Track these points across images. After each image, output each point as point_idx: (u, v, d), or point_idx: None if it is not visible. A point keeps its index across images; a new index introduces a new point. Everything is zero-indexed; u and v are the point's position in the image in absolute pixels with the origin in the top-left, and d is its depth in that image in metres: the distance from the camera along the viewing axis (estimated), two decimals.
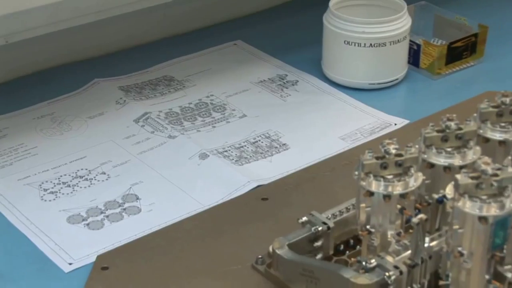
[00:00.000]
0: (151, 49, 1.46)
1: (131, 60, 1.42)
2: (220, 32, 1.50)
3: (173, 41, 1.48)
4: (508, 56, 1.43)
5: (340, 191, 1.05)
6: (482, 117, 0.98)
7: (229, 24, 1.53)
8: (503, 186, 0.85)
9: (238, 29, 1.51)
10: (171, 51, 1.44)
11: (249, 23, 1.54)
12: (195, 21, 1.51)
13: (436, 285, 0.92)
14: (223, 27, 1.52)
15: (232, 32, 1.50)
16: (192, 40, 1.48)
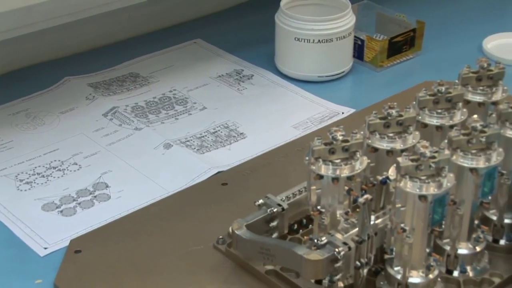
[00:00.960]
0: (118, 48, 1.45)
1: (99, 58, 1.41)
2: (181, 32, 1.49)
3: (138, 40, 1.47)
4: (443, 49, 1.43)
5: (293, 175, 1.05)
6: (420, 104, 0.99)
7: (189, 24, 1.52)
8: (440, 167, 0.86)
9: (197, 28, 1.50)
10: (136, 50, 1.43)
11: (207, 23, 1.53)
12: (157, 22, 1.50)
13: (381, 259, 0.92)
14: (183, 27, 1.51)
15: (192, 31, 1.49)
16: (155, 40, 1.47)
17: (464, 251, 0.94)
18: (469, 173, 0.90)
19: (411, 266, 0.89)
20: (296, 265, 0.89)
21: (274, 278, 0.93)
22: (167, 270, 0.96)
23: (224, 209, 1.05)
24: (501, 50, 1.42)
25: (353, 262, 0.88)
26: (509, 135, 0.94)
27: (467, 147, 0.90)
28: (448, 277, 0.93)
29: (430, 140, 0.91)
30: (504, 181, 0.94)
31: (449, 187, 0.86)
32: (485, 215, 0.98)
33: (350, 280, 0.90)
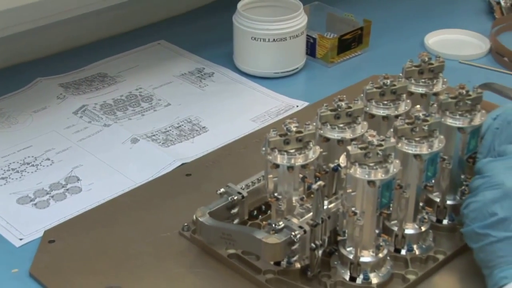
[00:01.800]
0: (87, 50, 1.43)
1: (69, 60, 1.39)
2: (146, 34, 1.48)
3: (105, 42, 1.46)
4: (388, 45, 1.44)
5: (252, 165, 1.04)
6: (367, 96, 0.99)
7: (152, 26, 1.51)
8: (387, 154, 0.86)
9: (160, 30, 1.49)
10: (104, 51, 1.42)
11: (170, 25, 1.52)
12: (123, 25, 1.49)
13: (335, 241, 0.93)
14: (148, 29, 1.50)
15: (156, 33, 1.48)
16: (121, 41, 1.45)
17: (410, 231, 0.94)
18: (413, 159, 0.90)
19: (362, 246, 0.89)
20: (256, 249, 0.89)
21: (236, 261, 0.94)
22: (136, 256, 0.96)
23: (189, 198, 1.04)
24: (441, 45, 1.42)
25: (308, 244, 0.88)
26: (449, 123, 0.95)
27: (411, 135, 0.91)
28: (396, 256, 0.94)
29: (377, 130, 0.92)
30: (446, 165, 0.95)
31: (396, 173, 0.86)
32: (429, 198, 0.99)
33: (306, 261, 0.90)
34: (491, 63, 1.38)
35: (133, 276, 0.93)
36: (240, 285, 0.91)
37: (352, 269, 0.90)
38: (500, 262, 0.85)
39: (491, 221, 0.86)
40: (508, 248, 0.85)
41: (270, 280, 0.90)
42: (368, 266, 0.90)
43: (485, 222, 0.86)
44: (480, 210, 0.87)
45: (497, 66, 1.37)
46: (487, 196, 0.87)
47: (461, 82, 0.98)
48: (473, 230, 0.88)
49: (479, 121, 0.95)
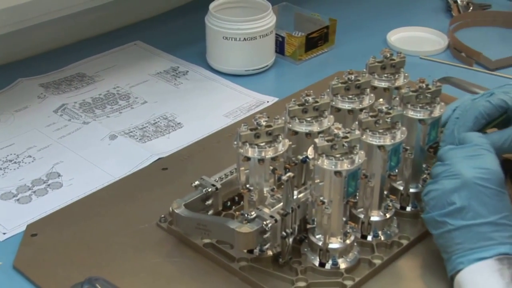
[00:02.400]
0: (66, 51, 1.41)
1: (49, 61, 1.38)
2: (122, 35, 1.47)
3: (83, 44, 1.44)
4: (353, 43, 1.44)
5: (225, 158, 1.04)
6: (333, 91, 0.99)
7: (129, 28, 1.50)
8: (352, 146, 0.86)
9: (137, 31, 1.48)
10: (82, 52, 1.40)
11: (145, 26, 1.51)
12: (101, 27, 1.48)
13: (304, 229, 0.93)
14: (124, 31, 1.49)
15: (132, 34, 1.47)
16: (99, 42, 1.44)
17: (376, 218, 0.94)
18: (377, 150, 0.90)
19: (331, 233, 0.89)
20: (230, 238, 0.88)
21: (211, 250, 0.93)
22: (116, 247, 0.95)
23: (165, 191, 1.04)
24: (402, 42, 1.43)
25: (279, 232, 0.88)
26: (411, 115, 0.95)
27: (375, 127, 0.91)
28: (363, 242, 0.94)
29: (343, 123, 0.92)
30: (408, 155, 0.95)
31: (361, 163, 0.86)
32: (393, 186, 0.99)
33: (278, 248, 0.90)
34: (449, 58, 1.39)
35: (113, 267, 0.92)
36: (215, 273, 0.91)
37: (321, 255, 0.90)
38: (458, 249, 0.85)
39: (449, 210, 0.86)
40: (465, 236, 0.85)
41: (243, 267, 0.90)
42: (336, 252, 0.90)
43: (444, 210, 0.87)
44: (439, 198, 0.87)
45: (455, 61, 1.38)
46: (446, 185, 0.87)
47: (421, 77, 0.98)
48: (433, 218, 0.88)
49: (439, 113, 0.96)
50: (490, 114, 0.96)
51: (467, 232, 0.85)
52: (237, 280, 0.90)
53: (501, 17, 1.50)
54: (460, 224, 0.85)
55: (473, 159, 0.88)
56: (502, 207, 0.86)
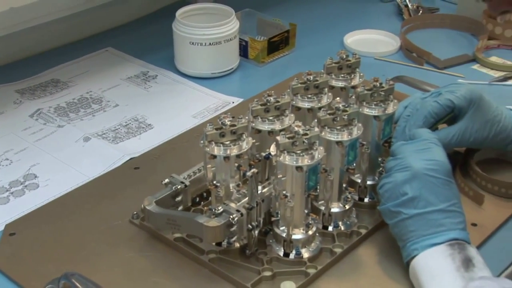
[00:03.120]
0: (40, 59, 1.39)
1: (25, 68, 1.35)
2: (94, 42, 1.45)
3: (57, 51, 1.42)
4: (312, 45, 1.43)
5: (193, 157, 1.03)
6: (293, 91, 0.98)
7: (100, 35, 1.48)
8: (312, 142, 0.86)
9: (108, 38, 1.46)
10: (56, 59, 1.38)
11: (116, 33, 1.49)
12: (74, 35, 1.46)
13: (269, 221, 0.92)
14: (96, 38, 1.47)
15: (104, 41, 1.45)
16: (72, 49, 1.42)
17: (336, 209, 0.94)
18: (335, 145, 0.90)
19: (294, 225, 0.89)
20: (198, 232, 0.88)
21: (182, 244, 0.92)
22: (91, 244, 0.94)
23: (137, 189, 1.02)
24: (358, 44, 1.43)
25: (245, 225, 0.88)
26: (366, 112, 0.95)
27: (333, 124, 0.91)
28: (324, 232, 0.94)
29: (303, 121, 0.92)
30: (365, 150, 0.95)
31: (320, 158, 0.86)
32: (351, 179, 0.99)
33: (244, 240, 0.90)
34: (401, 58, 1.39)
35: (88, 262, 0.91)
36: (186, 265, 0.90)
37: (285, 246, 0.89)
38: (412, 236, 0.86)
39: (402, 200, 0.87)
40: (418, 224, 0.86)
41: (212, 259, 0.90)
42: (300, 242, 0.90)
43: (397, 201, 0.87)
44: (392, 190, 0.88)
45: (407, 61, 1.38)
46: (398, 177, 0.88)
47: (375, 76, 0.98)
48: (388, 208, 0.88)
49: (392, 109, 0.96)
50: (438, 113, 0.98)
51: (420, 220, 0.85)
52: (206, 272, 0.89)
53: (448, 19, 1.51)
54: (413, 213, 0.86)
55: (422, 152, 0.89)
56: (450, 195, 0.87)
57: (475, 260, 0.82)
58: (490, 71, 1.34)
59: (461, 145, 1.01)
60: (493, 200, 1.01)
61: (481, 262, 0.83)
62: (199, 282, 0.88)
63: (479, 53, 1.38)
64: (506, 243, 0.95)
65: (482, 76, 1.33)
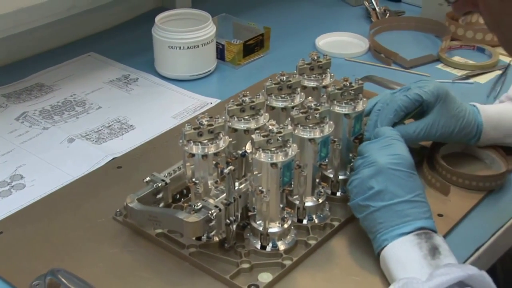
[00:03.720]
0: (25, 64, 1.37)
1: (10, 73, 1.33)
2: (77, 47, 1.43)
3: (42, 56, 1.40)
4: (286, 48, 1.43)
5: (173, 155, 1.02)
6: (268, 91, 0.98)
7: (83, 40, 1.46)
8: (286, 140, 0.86)
9: (90, 44, 1.45)
10: (41, 64, 1.36)
11: (98, 38, 1.48)
12: (57, 40, 1.44)
13: (246, 216, 0.92)
14: (79, 43, 1.45)
15: (86, 46, 1.44)
16: (56, 55, 1.40)
17: (310, 203, 0.94)
18: (308, 142, 0.90)
19: (270, 219, 0.89)
20: (179, 227, 0.87)
21: (163, 239, 0.92)
22: (76, 241, 0.93)
23: (120, 187, 1.01)
24: (329, 46, 1.43)
25: (224, 220, 0.87)
26: (337, 110, 0.95)
27: (305, 122, 0.90)
28: (299, 225, 0.93)
29: (277, 119, 0.91)
30: (336, 146, 0.95)
31: (294, 155, 0.86)
32: (324, 174, 0.99)
33: (223, 234, 0.89)
34: (370, 59, 1.39)
35: (73, 258, 0.90)
36: (167, 259, 0.89)
37: (262, 239, 0.89)
38: (381, 228, 0.86)
39: (369, 194, 0.87)
40: (385, 215, 0.86)
41: (193, 253, 0.89)
42: (276, 235, 0.89)
43: (365, 195, 0.87)
44: (360, 185, 0.88)
45: (375, 61, 1.38)
46: (365, 173, 0.88)
47: (345, 76, 0.98)
48: (357, 203, 0.88)
49: (362, 107, 0.95)
50: (408, 107, 0.98)
51: (387, 211, 0.85)
52: (187, 265, 0.88)
53: (413, 21, 1.51)
54: (380, 205, 0.86)
55: (386, 148, 0.89)
56: (414, 186, 0.87)
57: (441, 248, 0.82)
58: (453, 70, 1.35)
59: (428, 139, 1.01)
60: (458, 192, 1.01)
61: (447, 249, 0.83)
62: (180, 275, 0.87)
63: (443, 53, 1.38)
64: (470, 232, 0.95)
65: (446, 75, 1.33)
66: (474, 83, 1.31)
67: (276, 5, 1.61)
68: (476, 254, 0.92)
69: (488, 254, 0.94)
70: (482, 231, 0.95)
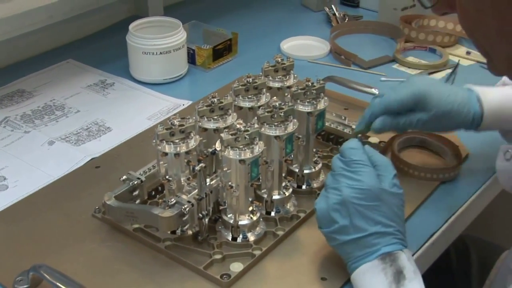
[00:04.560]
0: (7, 71, 1.35)
1: None
2: (56, 54, 1.41)
3: (22, 63, 1.38)
4: (253, 51, 1.42)
5: (148, 155, 1.01)
6: (235, 93, 0.97)
7: (62, 48, 1.44)
8: (253, 138, 0.85)
9: (69, 51, 1.43)
10: (22, 71, 1.34)
11: (76, 46, 1.46)
12: (37, 48, 1.42)
13: (218, 210, 0.91)
14: (58, 51, 1.43)
15: (65, 53, 1.41)
16: (36, 62, 1.38)
17: (277, 196, 0.94)
18: (274, 140, 0.89)
19: (240, 212, 0.88)
20: (154, 222, 0.86)
21: (140, 234, 0.91)
22: (58, 238, 0.91)
23: (98, 186, 1.00)
24: (293, 49, 1.42)
25: (196, 214, 0.87)
26: (300, 109, 0.95)
27: (271, 121, 0.90)
28: (267, 217, 0.93)
29: (244, 119, 0.91)
30: (300, 143, 0.95)
31: (261, 152, 0.85)
32: (290, 169, 0.98)
33: (196, 228, 0.88)
34: (331, 60, 1.39)
35: (55, 254, 0.88)
36: (144, 253, 0.88)
37: (233, 231, 0.88)
38: (350, 257, 0.82)
39: (334, 228, 0.81)
40: (352, 247, 0.81)
41: (168, 246, 0.88)
42: (246, 227, 0.89)
43: (330, 228, 0.82)
44: (325, 216, 0.82)
45: (336, 63, 1.38)
46: (329, 201, 0.81)
47: (308, 77, 0.97)
48: (325, 233, 0.83)
49: (323, 105, 0.95)
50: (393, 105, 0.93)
51: (353, 243, 0.81)
52: (163, 258, 0.88)
53: (371, 25, 1.51)
54: (346, 239, 0.81)
55: (351, 176, 0.81)
56: (379, 217, 0.80)
57: (406, 270, 0.78)
58: (408, 69, 1.35)
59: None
60: (414, 183, 1.01)
61: (411, 270, 0.79)
62: (157, 267, 0.86)
63: (398, 54, 1.39)
64: (425, 220, 0.96)
65: (401, 73, 1.34)
66: None
67: (243, 12, 1.61)
68: (431, 240, 0.93)
69: (442, 239, 0.95)
70: (436, 219, 0.96)
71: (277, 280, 0.85)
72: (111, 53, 1.41)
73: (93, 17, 1.50)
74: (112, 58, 1.39)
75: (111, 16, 1.54)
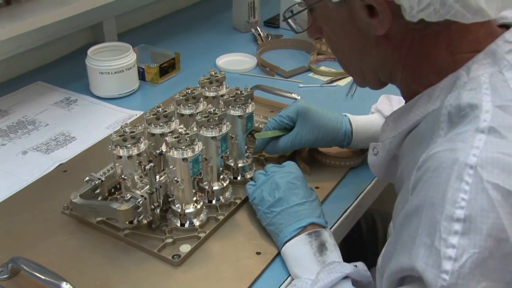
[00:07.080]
0: None
1: None
2: (27, 78, 1.35)
3: None
4: (193, 68, 1.39)
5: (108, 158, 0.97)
6: (177, 102, 0.95)
7: (31, 72, 1.38)
8: (193, 139, 0.84)
9: (37, 74, 1.37)
10: None
11: (44, 70, 1.40)
12: (10, 73, 1.36)
13: (167, 201, 0.89)
14: (28, 74, 1.37)
15: (34, 76, 1.36)
16: (10, 85, 1.32)
17: (216, 187, 0.92)
18: (211, 140, 0.88)
19: (185, 202, 0.87)
20: (114, 215, 0.84)
21: (103, 225, 0.88)
22: (32, 233, 0.88)
23: (66, 187, 0.96)
24: (227, 64, 1.41)
25: (149, 206, 0.85)
26: (232, 113, 0.94)
27: (208, 125, 0.88)
28: (209, 205, 0.92)
29: (185, 124, 0.89)
30: (234, 141, 0.94)
31: (200, 151, 0.84)
32: (226, 163, 0.97)
33: (150, 218, 0.87)
34: (258, 72, 1.38)
35: (31, 248, 0.85)
36: (107, 241, 0.86)
37: (181, 218, 0.87)
38: (282, 227, 0.82)
39: (272, 202, 0.84)
40: (284, 217, 0.82)
41: (127, 234, 0.86)
42: (192, 215, 0.87)
43: (269, 203, 0.84)
44: (265, 197, 0.85)
45: (262, 74, 1.37)
46: (267, 187, 0.86)
47: (237, 86, 0.96)
48: (263, 211, 0.85)
49: (251, 110, 0.94)
50: (276, 126, 0.97)
51: (285, 213, 0.82)
52: (123, 244, 0.85)
53: (290, 42, 1.51)
54: (280, 209, 0.83)
55: (286, 175, 0.87)
56: (306, 195, 0.85)
57: (328, 244, 0.80)
58: (321, 77, 1.36)
59: (296, 147, 0.98)
60: (329, 170, 1.01)
61: (332, 244, 0.80)
62: (118, 253, 0.84)
63: (312, 65, 1.39)
64: (339, 198, 0.96)
65: (316, 81, 1.34)
66: (336, 85, 1.32)
67: (184, 35, 1.58)
68: (345, 214, 0.93)
69: (353, 214, 0.96)
70: (348, 197, 0.96)
71: (220, 257, 0.84)
72: (74, 74, 1.36)
73: (57, 44, 1.45)
74: (74, 78, 1.35)
75: (72, 43, 1.49)
